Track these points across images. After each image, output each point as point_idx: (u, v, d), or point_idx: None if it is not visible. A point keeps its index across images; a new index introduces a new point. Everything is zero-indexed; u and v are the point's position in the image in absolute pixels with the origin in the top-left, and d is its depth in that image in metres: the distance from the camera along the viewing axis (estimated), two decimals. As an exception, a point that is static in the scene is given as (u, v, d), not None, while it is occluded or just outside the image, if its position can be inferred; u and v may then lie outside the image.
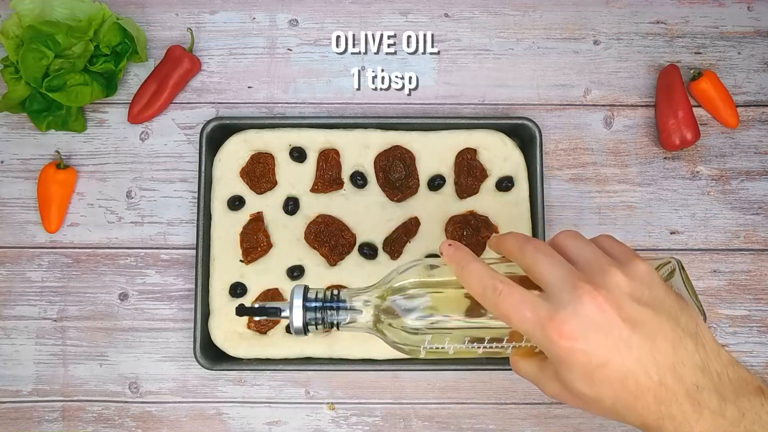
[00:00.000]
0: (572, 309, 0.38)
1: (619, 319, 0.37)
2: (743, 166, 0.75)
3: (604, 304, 0.37)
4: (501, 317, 0.40)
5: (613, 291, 0.38)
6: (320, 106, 0.76)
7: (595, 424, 0.71)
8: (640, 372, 0.37)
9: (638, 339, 0.37)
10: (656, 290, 0.39)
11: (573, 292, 0.38)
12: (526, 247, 0.42)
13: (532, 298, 0.39)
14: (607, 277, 0.39)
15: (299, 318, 0.43)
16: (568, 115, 0.76)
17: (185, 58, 0.74)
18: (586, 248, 0.41)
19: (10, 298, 0.73)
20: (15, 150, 0.75)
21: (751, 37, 0.77)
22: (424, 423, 0.72)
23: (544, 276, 0.40)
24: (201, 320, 0.69)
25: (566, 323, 0.37)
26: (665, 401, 0.37)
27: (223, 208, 0.71)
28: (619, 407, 0.38)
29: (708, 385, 0.37)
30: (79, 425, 0.72)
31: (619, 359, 0.37)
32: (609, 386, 0.38)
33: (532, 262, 0.41)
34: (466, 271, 0.42)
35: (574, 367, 0.38)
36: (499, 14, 0.77)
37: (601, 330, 0.37)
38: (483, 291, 0.41)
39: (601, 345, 0.37)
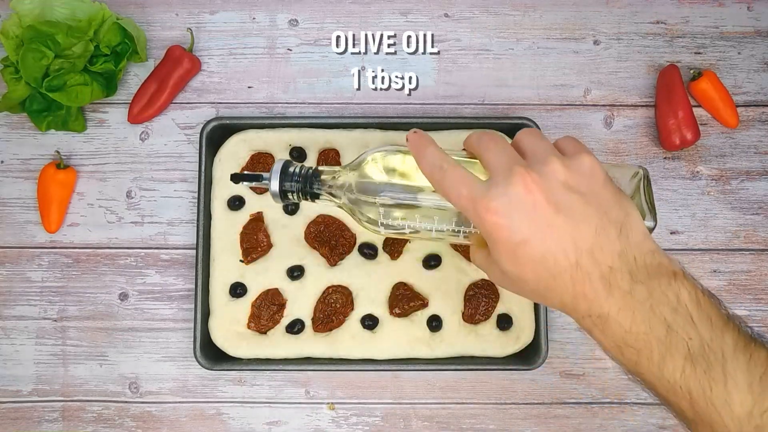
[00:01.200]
0: (502, 189, 0.40)
1: (545, 202, 0.40)
2: (743, 166, 0.75)
3: (531, 185, 0.40)
4: (442, 194, 0.44)
5: (546, 176, 0.41)
6: (320, 106, 0.76)
7: (595, 424, 0.71)
8: (558, 252, 0.40)
9: (561, 221, 0.40)
10: (594, 183, 0.42)
11: (508, 175, 0.41)
12: (483, 137, 0.45)
13: (470, 178, 0.42)
14: (545, 165, 0.41)
15: (276, 185, 0.51)
16: (568, 115, 0.76)
17: (185, 58, 0.74)
18: (539, 142, 0.44)
19: (10, 298, 0.73)
20: (15, 150, 0.75)
21: (751, 37, 0.77)
22: (424, 423, 0.72)
23: (489, 161, 0.43)
24: (201, 320, 0.69)
25: (494, 200, 0.40)
26: (579, 281, 0.40)
27: (223, 208, 0.71)
28: (541, 288, 0.41)
29: (621, 268, 0.40)
30: (79, 425, 0.72)
31: (540, 238, 0.40)
32: (530, 265, 0.41)
33: (484, 150, 0.44)
34: (422, 152, 0.45)
35: (498, 243, 0.41)
36: (499, 14, 0.77)
37: (525, 209, 0.40)
38: (431, 170, 0.44)
39: (523, 223, 0.40)
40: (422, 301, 0.69)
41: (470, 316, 0.69)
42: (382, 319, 0.69)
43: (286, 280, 0.70)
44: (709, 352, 0.38)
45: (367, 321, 0.69)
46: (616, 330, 0.40)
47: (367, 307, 0.69)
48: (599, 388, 0.72)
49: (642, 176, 0.48)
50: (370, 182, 0.49)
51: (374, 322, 0.69)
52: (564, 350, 0.72)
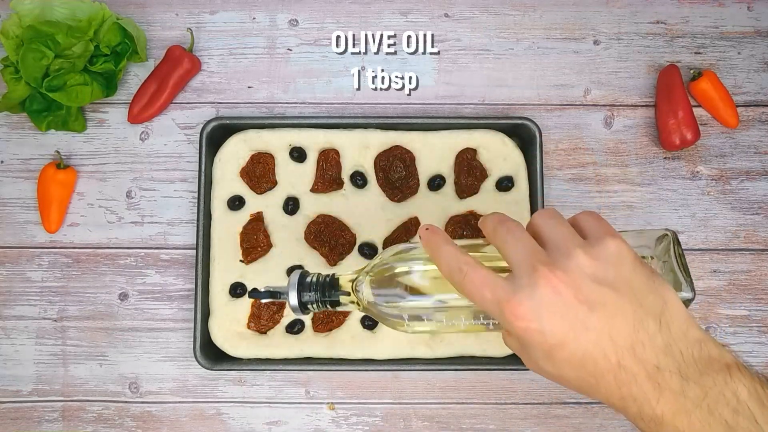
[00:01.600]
0: (529, 291, 0.38)
1: (576, 301, 0.38)
2: (743, 166, 0.75)
3: (559, 286, 0.38)
4: (466, 297, 0.42)
5: (572, 273, 0.38)
6: (320, 106, 0.76)
7: (595, 424, 0.71)
8: (597, 354, 0.38)
9: (596, 320, 0.38)
10: (624, 270, 0.39)
11: (532, 274, 0.39)
12: (499, 229, 0.43)
13: (493, 280, 0.40)
14: (569, 259, 0.39)
15: (294, 299, 0.49)
16: (568, 115, 0.76)
17: (185, 58, 0.74)
18: (558, 228, 0.42)
19: (10, 298, 0.73)
20: (15, 150, 0.75)
21: (751, 37, 0.77)
22: (424, 423, 0.72)
23: (509, 257, 0.41)
24: (201, 320, 0.69)
25: (521, 305, 0.38)
26: (625, 383, 0.37)
27: (223, 208, 0.71)
28: (585, 387, 0.39)
29: (669, 366, 0.37)
30: (79, 425, 0.72)
31: (576, 341, 0.38)
32: (569, 367, 0.38)
33: (502, 243, 0.42)
34: (437, 253, 0.43)
35: (532, 346, 0.39)
36: (499, 14, 0.77)
37: (556, 311, 0.38)
38: (450, 272, 0.42)
39: (556, 326, 0.38)
40: (422, 301, 0.69)
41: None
42: (382, 319, 0.69)
43: (286, 280, 0.70)
44: None
45: (367, 321, 0.69)
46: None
47: (367, 307, 0.69)
48: (599, 388, 0.72)
49: (671, 241, 0.44)
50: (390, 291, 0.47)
51: (374, 322, 0.69)
52: (564, 350, 0.72)
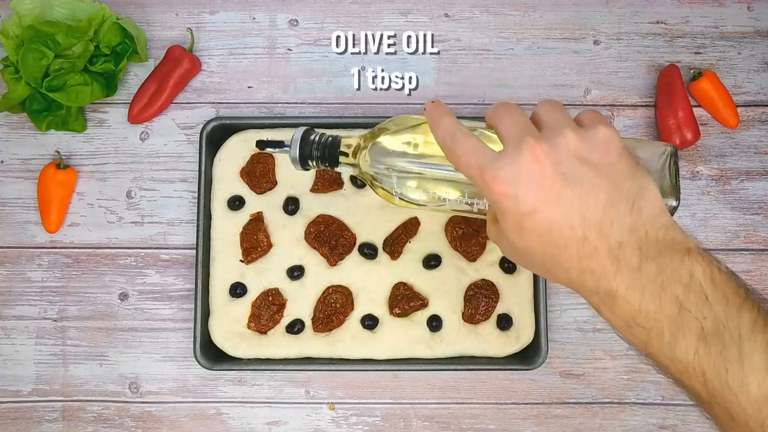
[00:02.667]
0: (511, 159, 0.39)
1: (554, 172, 0.39)
2: (743, 166, 0.75)
3: (540, 155, 0.39)
4: (452, 162, 0.43)
5: (557, 147, 0.39)
6: (320, 106, 0.76)
7: (595, 424, 0.71)
8: (564, 224, 0.39)
9: (569, 193, 0.39)
10: (609, 154, 0.40)
11: (518, 145, 0.40)
12: (500, 108, 0.44)
13: (481, 148, 0.41)
14: (557, 136, 0.40)
15: (296, 151, 0.51)
16: (568, 115, 0.76)
17: (185, 58, 0.74)
18: (556, 114, 0.42)
19: (10, 298, 0.73)
20: (15, 150, 0.75)
21: (751, 37, 0.77)
22: (424, 423, 0.72)
23: (502, 132, 0.42)
24: (201, 320, 0.69)
25: (501, 170, 0.39)
26: (586, 255, 0.39)
27: (223, 208, 0.71)
28: (548, 261, 0.40)
29: (631, 243, 0.38)
30: (79, 425, 0.72)
31: (546, 210, 0.39)
32: (537, 236, 0.39)
33: (498, 120, 0.43)
34: (436, 122, 0.44)
35: (505, 213, 0.40)
36: (499, 14, 0.77)
37: (533, 180, 0.39)
38: (443, 139, 0.43)
39: (530, 194, 0.39)
40: (422, 301, 0.69)
41: (470, 316, 0.69)
42: (382, 319, 0.69)
43: (286, 280, 0.70)
44: (724, 331, 0.36)
45: (367, 321, 0.69)
46: (624, 308, 0.39)
47: (367, 307, 0.69)
48: (599, 388, 0.72)
49: (669, 153, 0.46)
50: (385, 150, 0.48)
51: (374, 322, 0.69)
52: (564, 350, 0.72)
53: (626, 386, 0.72)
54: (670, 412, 0.71)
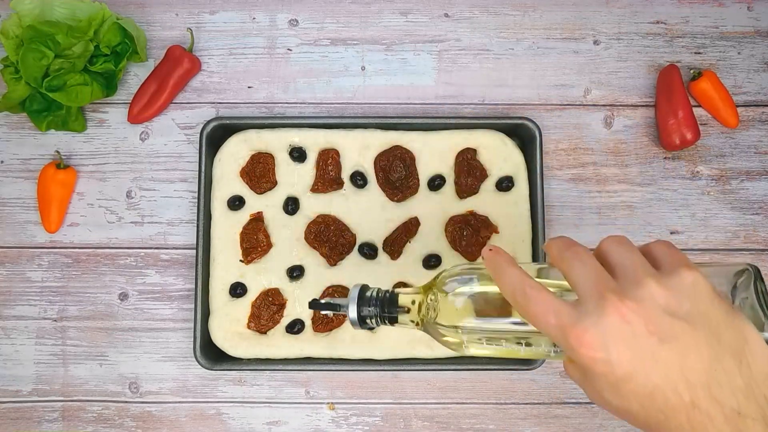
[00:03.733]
0: (595, 319, 0.36)
1: (646, 331, 0.35)
2: (743, 166, 0.75)
3: (629, 315, 0.36)
4: (527, 319, 0.40)
5: (643, 302, 0.36)
6: (320, 106, 0.76)
7: (595, 424, 0.71)
8: (668, 389, 0.35)
9: (667, 353, 0.35)
10: (700, 303, 0.37)
11: (599, 301, 0.37)
12: (565, 253, 0.41)
13: (557, 305, 0.38)
14: (639, 288, 0.37)
15: (354, 312, 0.50)
16: (568, 115, 0.76)
17: (185, 58, 0.74)
18: (629, 255, 0.39)
19: (10, 298, 0.73)
20: (15, 150, 0.75)
21: (751, 37, 0.77)
22: (424, 423, 0.72)
23: (576, 283, 0.39)
24: (201, 320, 0.69)
25: (587, 332, 0.36)
26: (700, 424, 0.35)
27: (223, 208, 0.71)
28: (652, 423, 0.37)
29: (752, 412, 0.34)
30: (79, 425, 0.72)
31: (644, 373, 0.35)
32: (637, 400, 0.36)
33: (568, 268, 0.40)
34: (501, 275, 0.42)
35: (597, 377, 0.37)
36: (499, 14, 0.77)
37: (624, 342, 0.35)
38: (513, 295, 0.40)
39: (623, 356, 0.35)
40: (422, 301, 0.69)
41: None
42: (382, 319, 0.69)
43: (286, 280, 0.70)
44: None
45: (367, 321, 0.69)
46: None
47: (367, 307, 0.69)
48: (599, 388, 0.72)
49: (752, 276, 0.41)
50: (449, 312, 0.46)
51: (374, 322, 0.69)
52: (564, 350, 0.72)
53: (626, 386, 0.71)
54: (670, 412, 0.71)
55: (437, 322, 0.46)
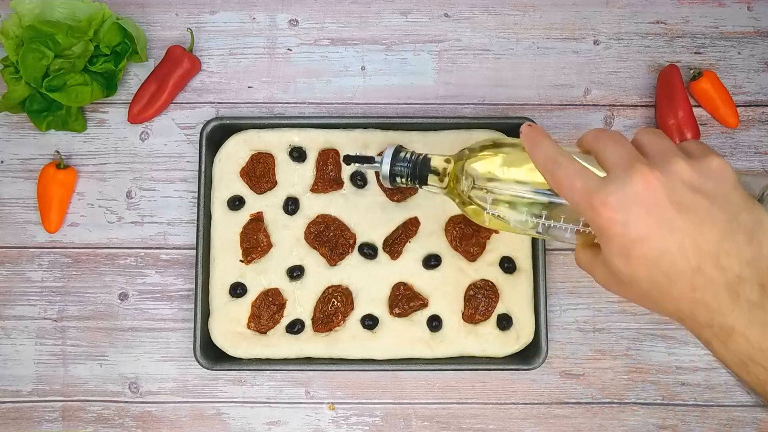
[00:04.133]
0: (621, 184, 0.38)
1: (667, 200, 0.38)
2: (743, 166, 0.75)
3: (654, 183, 0.38)
4: (555, 187, 0.42)
5: (669, 175, 0.38)
6: (320, 106, 0.76)
7: (595, 424, 0.71)
8: (677, 254, 0.37)
9: (683, 222, 0.37)
10: (723, 185, 0.39)
11: (627, 170, 0.39)
12: (600, 134, 0.43)
13: (586, 172, 0.40)
14: (668, 163, 0.39)
15: (387, 167, 0.53)
16: (568, 115, 0.76)
17: (185, 58, 0.74)
18: (662, 141, 0.41)
19: (10, 298, 0.73)
20: (15, 150, 0.75)
21: (751, 37, 0.77)
22: (424, 423, 0.72)
23: (606, 156, 0.41)
24: (201, 320, 0.69)
25: (611, 195, 0.38)
26: (700, 287, 0.37)
27: (223, 208, 0.71)
28: (654, 291, 0.39)
29: (752, 277, 0.36)
30: (79, 425, 0.72)
31: (658, 238, 0.37)
32: (645, 265, 0.38)
33: (602, 146, 0.42)
34: (535, 144, 0.44)
35: (612, 239, 0.39)
36: (499, 14, 0.77)
37: (644, 206, 0.38)
38: (544, 162, 0.43)
39: (641, 220, 0.38)
40: (422, 301, 0.69)
41: (470, 316, 0.69)
42: (382, 319, 0.69)
43: (286, 280, 0.70)
44: None
45: (367, 321, 0.69)
46: (741, 345, 0.37)
47: (367, 307, 0.69)
48: (599, 388, 0.72)
49: None
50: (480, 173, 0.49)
51: (374, 322, 0.69)
52: (564, 350, 0.72)
53: (626, 386, 0.72)
54: (670, 412, 0.71)
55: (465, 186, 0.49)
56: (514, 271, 0.70)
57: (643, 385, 0.72)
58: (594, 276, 0.44)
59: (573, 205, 0.41)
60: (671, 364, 0.72)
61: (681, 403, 0.71)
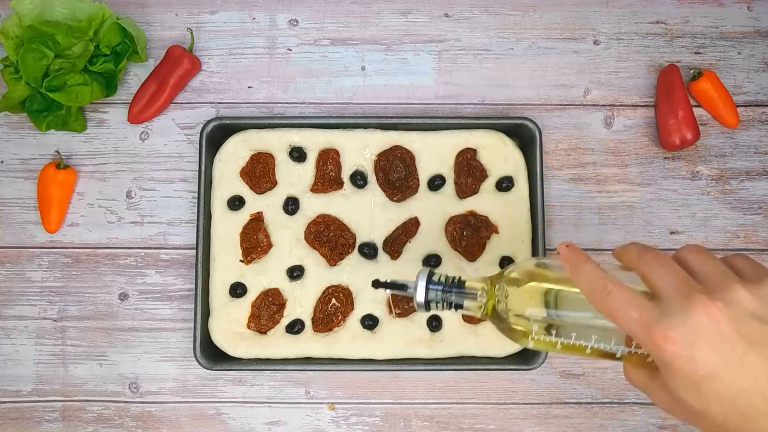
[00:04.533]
0: (681, 317, 0.36)
1: (735, 334, 0.36)
2: (743, 166, 0.75)
3: (717, 315, 0.36)
4: (607, 316, 0.40)
5: (732, 305, 0.36)
6: (320, 106, 0.76)
7: (595, 424, 0.71)
8: (755, 393, 0.35)
9: (755, 358, 0.35)
10: None
11: (685, 300, 0.37)
12: (645, 255, 0.41)
13: (640, 301, 0.39)
14: (727, 292, 0.37)
15: (421, 295, 0.50)
16: (568, 115, 0.76)
17: (185, 58, 0.74)
18: (711, 262, 0.40)
19: (10, 298, 0.73)
20: (15, 150, 0.75)
21: (751, 37, 0.77)
22: (424, 423, 0.72)
23: (658, 283, 0.39)
24: (201, 320, 0.69)
25: (673, 329, 0.36)
26: None
27: (223, 208, 0.71)
28: (731, 427, 0.37)
29: None
30: (79, 425, 0.72)
31: (730, 375, 0.36)
32: (718, 402, 0.36)
33: (649, 270, 0.40)
34: (579, 270, 0.42)
35: (677, 374, 0.37)
36: (499, 14, 0.77)
37: (711, 342, 0.36)
38: (592, 290, 0.41)
39: (709, 356, 0.36)
40: (422, 301, 0.69)
41: (470, 316, 0.69)
42: (382, 319, 0.69)
43: (286, 280, 0.70)
44: None
45: (367, 321, 0.69)
46: None
47: (367, 307, 0.69)
48: (599, 388, 0.72)
49: None
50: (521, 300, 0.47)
51: (374, 322, 0.69)
52: (564, 350, 0.72)
53: (626, 386, 0.72)
54: (670, 412, 0.71)
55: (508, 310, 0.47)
56: (514, 271, 0.70)
57: (643, 385, 0.72)
58: (652, 398, 0.42)
59: (630, 334, 0.39)
60: (671, 364, 0.72)
61: (681, 403, 0.71)
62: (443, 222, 0.71)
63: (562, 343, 0.46)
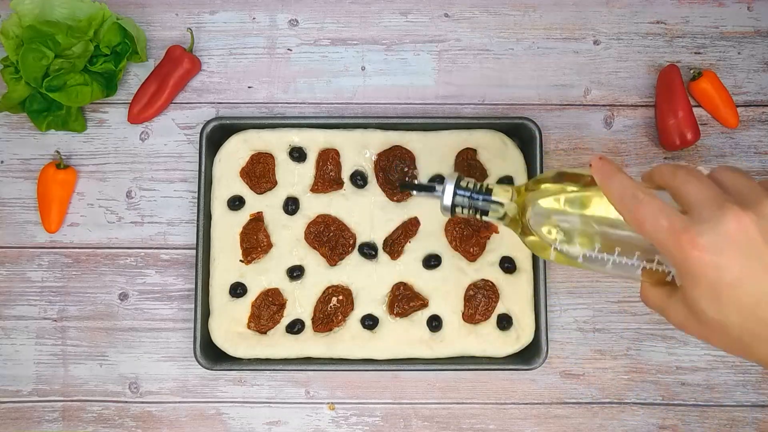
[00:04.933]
0: (712, 224, 0.37)
1: (763, 242, 0.36)
2: (743, 166, 0.75)
3: (749, 225, 0.36)
4: (636, 224, 0.40)
5: (764, 218, 0.36)
6: (320, 106, 0.76)
7: (595, 424, 0.71)
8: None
9: None
10: None
11: (717, 210, 0.37)
12: (679, 171, 0.41)
13: (671, 210, 0.39)
14: (759, 205, 0.37)
15: (449, 198, 0.51)
16: (568, 115, 0.76)
17: (185, 58, 0.74)
18: (746, 181, 0.40)
19: (10, 298, 0.73)
20: (15, 150, 0.75)
21: (751, 37, 0.77)
22: (424, 423, 0.72)
23: (690, 195, 0.39)
24: (201, 320, 0.69)
25: (702, 235, 0.36)
26: None
27: (223, 208, 0.71)
28: (746, 337, 0.37)
29: None
30: (79, 425, 0.72)
31: (754, 281, 0.36)
32: (737, 310, 0.37)
33: (682, 183, 0.40)
34: (610, 179, 0.42)
35: (701, 281, 0.37)
36: (499, 14, 0.77)
37: (739, 248, 0.36)
38: (622, 198, 0.41)
39: (736, 262, 0.36)
40: (422, 301, 0.69)
41: (470, 316, 0.69)
42: (382, 319, 0.69)
43: (286, 280, 0.70)
44: None
45: (367, 321, 0.69)
46: None
47: (367, 307, 0.69)
48: (599, 388, 0.72)
49: None
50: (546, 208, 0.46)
51: (374, 322, 0.69)
52: (564, 350, 0.72)
53: (626, 386, 0.72)
54: (670, 412, 0.71)
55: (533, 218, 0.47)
56: (514, 271, 0.70)
57: (643, 385, 0.72)
58: (667, 316, 0.42)
59: (656, 243, 0.39)
60: (671, 364, 0.72)
61: (681, 403, 0.71)
62: (443, 222, 0.71)
63: (584, 255, 0.45)
